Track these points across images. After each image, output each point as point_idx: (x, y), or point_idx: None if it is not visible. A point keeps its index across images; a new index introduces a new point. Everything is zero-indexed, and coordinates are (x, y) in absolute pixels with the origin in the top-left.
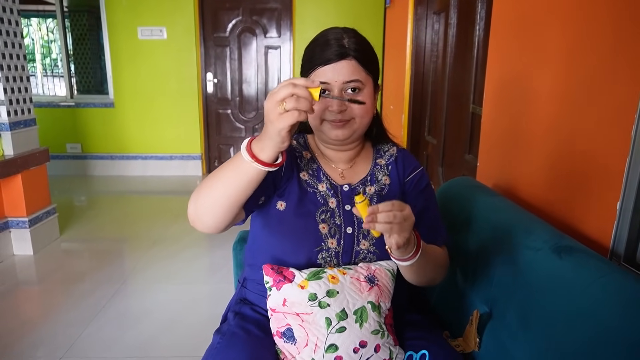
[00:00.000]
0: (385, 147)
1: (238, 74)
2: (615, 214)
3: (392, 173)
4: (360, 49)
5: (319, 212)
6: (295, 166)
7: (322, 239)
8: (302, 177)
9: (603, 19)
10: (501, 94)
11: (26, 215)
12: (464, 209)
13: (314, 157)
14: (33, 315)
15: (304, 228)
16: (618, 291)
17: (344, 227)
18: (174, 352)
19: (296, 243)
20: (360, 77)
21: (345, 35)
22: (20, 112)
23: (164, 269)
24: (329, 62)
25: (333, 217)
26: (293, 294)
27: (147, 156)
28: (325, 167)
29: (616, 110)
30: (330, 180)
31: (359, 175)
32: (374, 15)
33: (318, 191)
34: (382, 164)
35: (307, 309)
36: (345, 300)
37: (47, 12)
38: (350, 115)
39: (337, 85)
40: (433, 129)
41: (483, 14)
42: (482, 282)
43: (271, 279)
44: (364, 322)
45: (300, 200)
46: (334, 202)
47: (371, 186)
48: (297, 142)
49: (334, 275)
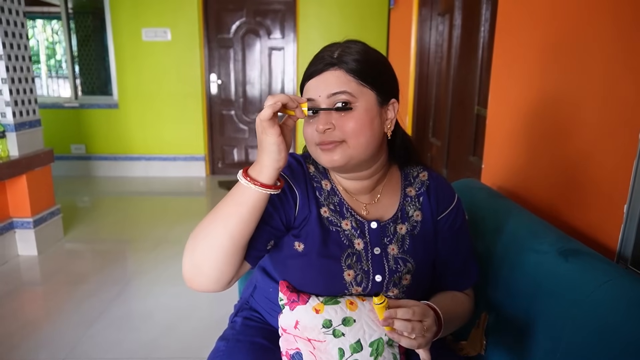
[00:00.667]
0: (414, 171)
1: (242, 75)
2: (623, 217)
3: (425, 207)
4: (352, 58)
5: (345, 256)
6: (314, 201)
7: (346, 287)
8: (323, 213)
9: (609, 18)
10: (506, 96)
11: (31, 215)
12: (469, 211)
13: (335, 188)
14: (36, 316)
15: (326, 274)
16: (625, 295)
17: (372, 274)
18: (177, 355)
19: (316, 289)
20: (349, 88)
21: (340, 46)
22: (25, 113)
23: (167, 270)
24: (313, 75)
25: (360, 262)
26: (307, 318)
27: (150, 157)
28: (348, 200)
29: (623, 112)
30: (356, 217)
31: (388, 210)
32: (378, 16)
33: (342, 230)
34: (412, 195)
35: (320, 336)
36: (362, 330)
37: (52, 13)
38: (341, 136)
39: (322, 100)
40: (437, 130)
41: (488, 15)
42: (487, 285)
43: (285, 297)
44: (379, 356)
45: (323, 242)
46: (360, 243)
47: (402, 224)
48: (316, 168)
49: (353, 301)
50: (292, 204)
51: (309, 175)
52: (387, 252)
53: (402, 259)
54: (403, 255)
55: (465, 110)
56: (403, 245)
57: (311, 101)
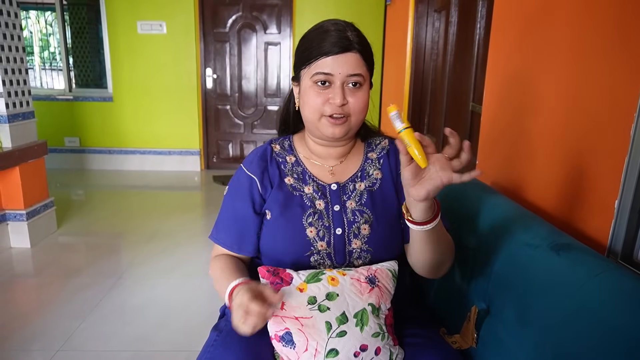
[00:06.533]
0: (377, 140)
1: (237, 70)
2: (613, 212)
3: (384, 166)
4: (363, 42)
5: (306, 216)
6: (277, 173)
7: (310, 243)
8: (287, 182)
9: (605, 19)
10: (501, 93)
11: (24, 208)
12: (463, 206)
13: (299, 160)
14: (30, 308)
15: (291, 234)
16: (615, 289)
17: (333, 228)
18: (170, 347)
19: (286, 249)
20: (362, 71)
21: (347, 27)
22: (19, 104)
23: (161, 263)
24: (333, 54)
25: (321, 219)
26: (292, 298)
27: (145, 151)
28: (311, 168)
29: (615, 109)
30: (317, 182)
31: (349, 172)
32: (374, 12)
33: (305, 194)
34: (373, 158)
35: (306, 312)
36: (345, 302)
37: (46, 4)
38: (349, 111)
39: (340, 78)
40: (432, 126)
41: (484, 12)
42: (480, 278)
43: (268, 282)
44: (364, 326)
45: (285, 206)
46: (321, 203)
47: (361, 182)
48: (282, 147)
49: (334, 276)
50: (255, 187)
51: (273, 154)
52: (346, 207)
53: (359, 211)
54: (360, 207)
55: (460, 106)
56: (361, 200)
57: (328, 75)
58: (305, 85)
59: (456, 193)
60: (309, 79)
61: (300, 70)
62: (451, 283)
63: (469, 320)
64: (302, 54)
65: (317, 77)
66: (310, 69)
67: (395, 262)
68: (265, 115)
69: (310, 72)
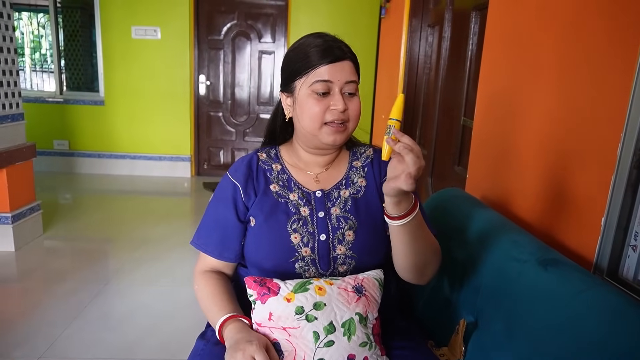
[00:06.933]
0: (362, 149)
1: (231, 78)
2: (600, 229)
3: (369, 175)
4: (352, 52)
5: (291, 222)
6: (263, 180)
7: (295, 249)
8: (273, 189)
9: (590, 40)
10: (492, 108)
11: (9, 210)
12: (453, 219)
13: (285, 167)
14: (12, 314)
15: (275, 240)
16: (601, 304)
17: (318, 234)
18: (157, 355)
19: (271, 255)
20: (356, 79)
21: (336, 39)
22: (8, 106)
23: (149, 270)
24: (330, 62)
25: (306, 225)
26: (279, 308)
27: (135, 156)
28: (296, 176)
29: (603, 127)
30: (302, 189)
31: (334, 179)
32: (369, 24)
33: (290, 200)
34: (358, 166)
35: (294, 323)
36: (333, 312)
37: (39, 6)
38: (348, 117)
39: (339, 85)
40: (423, 140)
41: (477, 28)
42: (468, 292)
43: (255, 292)
44: (352, 335)
45: (270, 212)
46: (306, 210)
47: (346, 189)
48: (268, 155)
49: (321, 286)
50: (239, 195)
51: (259, 163)
52: (330, 214)
53: (343, 217)
54: (344, 214)
55: (451, 120)
56: (345, 206)
57: (328, 83)
58: (302, 94)
59: (445, 206)
60: (306, 88)
61: (294, 81)
62: (440, 295)
63: (457, 333)
64: (295, 64)
65: (316, 85)
66: (308, 78)
67: (380, 270)
68: (257, 123)
69: (309, 81)
